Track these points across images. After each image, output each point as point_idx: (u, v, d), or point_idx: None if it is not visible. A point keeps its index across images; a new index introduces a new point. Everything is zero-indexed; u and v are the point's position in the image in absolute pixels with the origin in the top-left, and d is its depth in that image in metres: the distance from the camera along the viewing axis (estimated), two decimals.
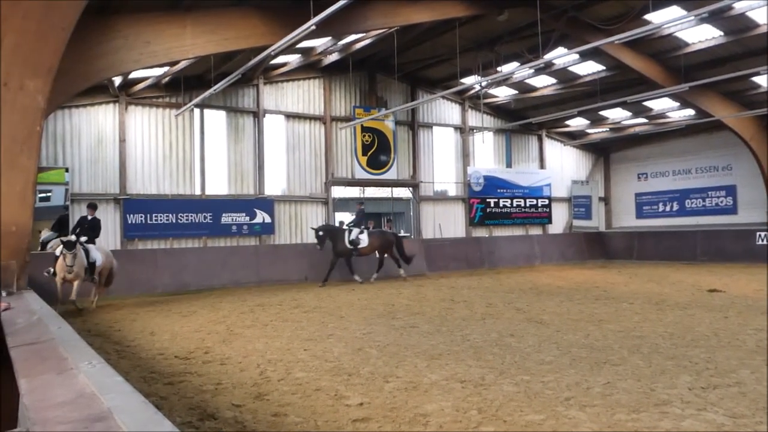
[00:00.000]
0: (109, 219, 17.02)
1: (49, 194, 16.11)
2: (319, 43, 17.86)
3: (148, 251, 17.09)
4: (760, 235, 21.19)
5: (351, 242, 17.43)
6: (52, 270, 12.20)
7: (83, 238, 12.63)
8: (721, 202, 23.90)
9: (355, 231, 17.59)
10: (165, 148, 18.03)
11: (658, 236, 24.59)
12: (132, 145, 17.47)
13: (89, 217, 13.30)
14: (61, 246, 11.97)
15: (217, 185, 18.89)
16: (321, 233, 17.34)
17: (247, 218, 18.74)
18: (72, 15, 4.18)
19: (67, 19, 4.10)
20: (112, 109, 17.25)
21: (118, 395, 1.35)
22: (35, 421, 1.22)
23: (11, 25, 3.80)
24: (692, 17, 13.81)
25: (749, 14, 15.34)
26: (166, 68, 16.33)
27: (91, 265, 12.62)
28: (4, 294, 4.12)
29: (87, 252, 12.63)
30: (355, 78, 21.26)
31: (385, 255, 18.30)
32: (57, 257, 12.24)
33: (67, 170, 16.46)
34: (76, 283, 12.12)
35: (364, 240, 17.61)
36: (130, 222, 17.18)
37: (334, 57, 19.44)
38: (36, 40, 3.92)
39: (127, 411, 1.22)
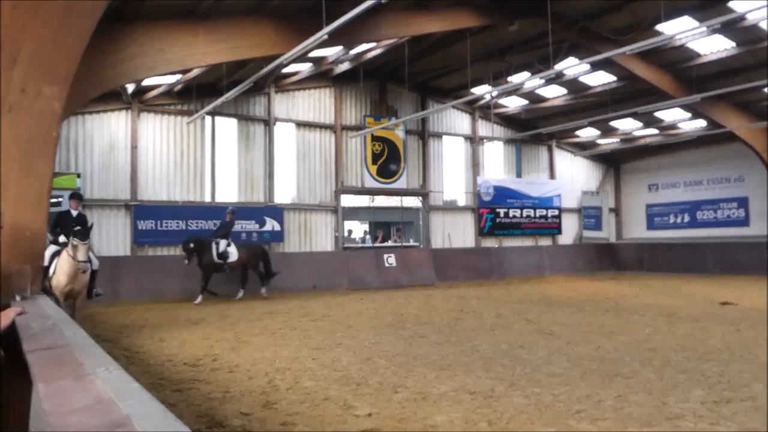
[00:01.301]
0: (120, 225, 17.12)
1: (59, 199, 16.18)
2: (331, 52, 17.94)
3: (157, 258, 17.15)
4: None
5: (220, 255, 15.52)
6: (48, 283, 9.01)
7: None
8: (733, 213, 23.74)
9: (223, 243, 15.71)
10: (176, 155, 18.13)
11: (670, 248, 24.43)
12: (143, 152, 17.58)
13: (74, 212, 10.25)
14: (63, 241, 9.29)
15: (228, 192, 18.95)
16: (192, 245, 15.27)
17: (257, 226, 18.77)
18: (90, 23, 4.23)
19: (84, 27, 4.15)
20: (125, 115, 17.37)
21: (137, 402, 1.35)
22: (55, 427, 1.22)
23: (30, 32, 3.85)
24: (704, 28, 13.78)
25: (761, 25, 15.29)
26: (179, 76, 16.45)
27: (92, 275, 9.75)
28: (18, 299, 4.15)
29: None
30: (366, 87, 21.32)
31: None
32: (51, 260, 9.23)
33: (78, 176, 16.57)
34: (80, 299, 9.31)
35: (234, 253, 15.73)
36: (140, 228, 17.25)
37: (345, 66, 19.51)
38: (54, 47, 3.97)
39: (146, 417, 1.22)
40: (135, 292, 15.81)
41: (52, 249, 9.70)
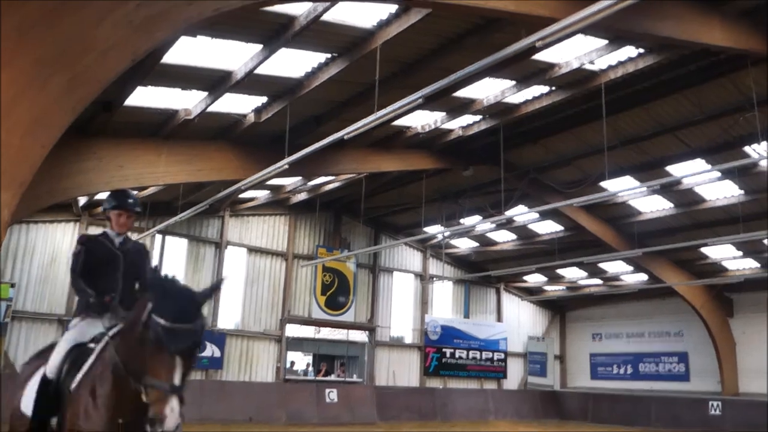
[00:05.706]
0: (50, 341, 16.15)
1: None
2: (289, 181, 18.24)
3: None
4: (712, 405, 21.11)
5: None
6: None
7: None
8: (674, 368, 23.97)
9: None
10: None
11: (613, 399, 24.26)
12: None
13: (117, 239, 5.43)
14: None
15: None
16: None
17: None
18: (55, 133, 4.21)
19: (49, 137, 4.12)
20: (72, 227, 16.96)
21: None
22: None
23: None
24: (644, 188, 14.62)
25: (696, 189, 16.33)
26: (134, 192, 16.34)
27: None
28: None
29: None
30: (321, 218, 21.55)
31: None
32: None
33: (12, 285, 15.79)
34: None
35: None
36: None
37: (302, 196, 19.78)
38: (15, 155, 3.90)
39: None
40: None
41: (67, 342, 4.57)
